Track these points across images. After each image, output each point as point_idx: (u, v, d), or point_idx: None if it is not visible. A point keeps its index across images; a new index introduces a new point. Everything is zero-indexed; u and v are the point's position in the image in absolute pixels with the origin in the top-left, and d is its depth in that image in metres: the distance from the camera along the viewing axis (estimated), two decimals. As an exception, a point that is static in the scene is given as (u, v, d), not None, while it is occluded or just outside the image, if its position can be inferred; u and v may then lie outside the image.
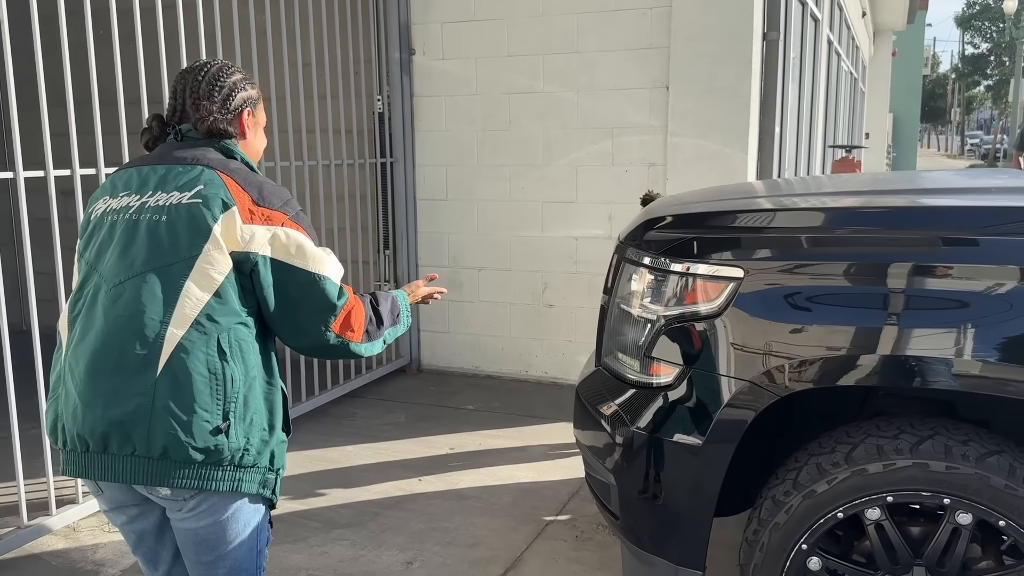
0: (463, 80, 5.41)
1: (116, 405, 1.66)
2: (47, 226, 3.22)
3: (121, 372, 1.66)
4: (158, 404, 1.65)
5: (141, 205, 1.75)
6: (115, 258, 1.73)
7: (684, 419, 2.16)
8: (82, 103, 3.24)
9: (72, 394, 1.72)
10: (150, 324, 1.67)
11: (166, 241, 1.71)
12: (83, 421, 1.70)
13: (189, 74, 1.91)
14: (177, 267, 1.69)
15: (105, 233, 1.77)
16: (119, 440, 1.67)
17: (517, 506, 3.63)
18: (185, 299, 1.68)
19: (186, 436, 1.66)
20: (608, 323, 2.49)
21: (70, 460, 1.77)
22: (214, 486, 1.72)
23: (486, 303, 5.63)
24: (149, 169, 1.82)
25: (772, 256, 2.11)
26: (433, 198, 5.64)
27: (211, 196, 1.74)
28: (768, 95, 4.99)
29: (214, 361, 1.69)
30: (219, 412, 1.70)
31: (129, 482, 1.71)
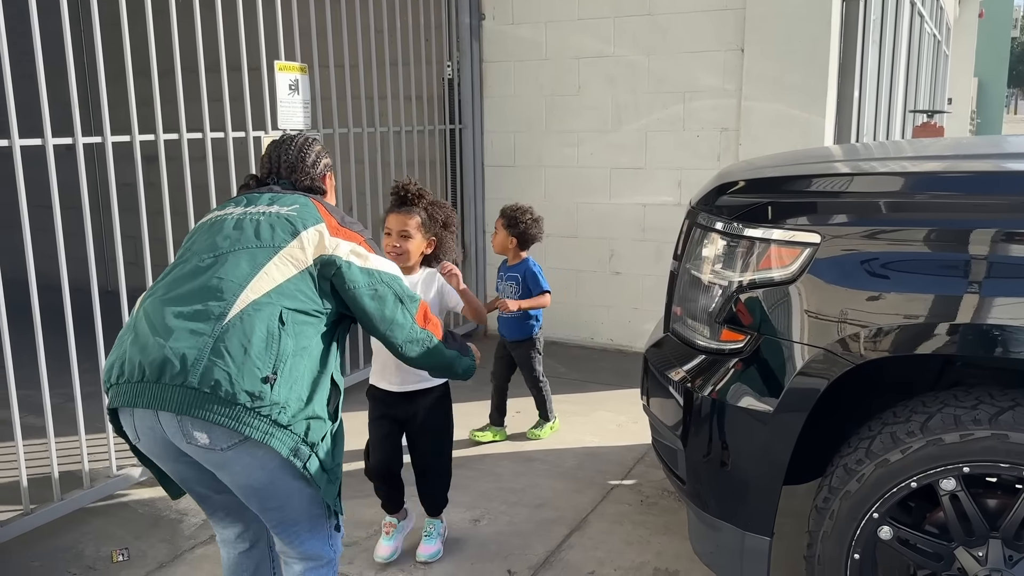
0: (533, 45, 5.38)
1: (184, 339, 1.85)
2: (132, 191, 3.35)
3: (196, 318, 1.88)
4: (219, 345, 1.84)
5: (244, 212, 2.10)
6: (212, 239, 2.03)
7: (754, 386, 2.15)
8: (165, 72, 3.33)
9: (144, 334, 1.89)
10: (230, 286, 1.92)
11: (263, 233, 2.03)
12: (147, 351, 1.86)
13: (282, 146, 2.29)
14: (263, 251, 1.99)
15: (206, 228, 2.09)
16: (174, 370, 1.82)
17: (582, 469, 3.66)
18: (264, 275, 1.96)
19: (238, 375, 1.83)
20: (678, 289, 2.48)
21: (120, 391, 1.89)
22: (248, 431, 1.83)
23: (553, 269, 5.63)
24: (255, 194, 2.18)
25: (849, 221, 2.07)
26: (501, 164, 5.66)
27: (304, 212, 2.10)
28: (847, 58, 4.84)
29: (274, 325, 1.91)
30: (270, 365, 1.87)
31: (174, 410, 1.82)
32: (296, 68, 3.99)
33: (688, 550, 2.57)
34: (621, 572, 2.85)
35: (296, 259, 2.00)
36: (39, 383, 3.04)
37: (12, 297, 2.91)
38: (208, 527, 2.94)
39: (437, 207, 2.79)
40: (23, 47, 2.92)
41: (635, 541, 3.05)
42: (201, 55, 3.48)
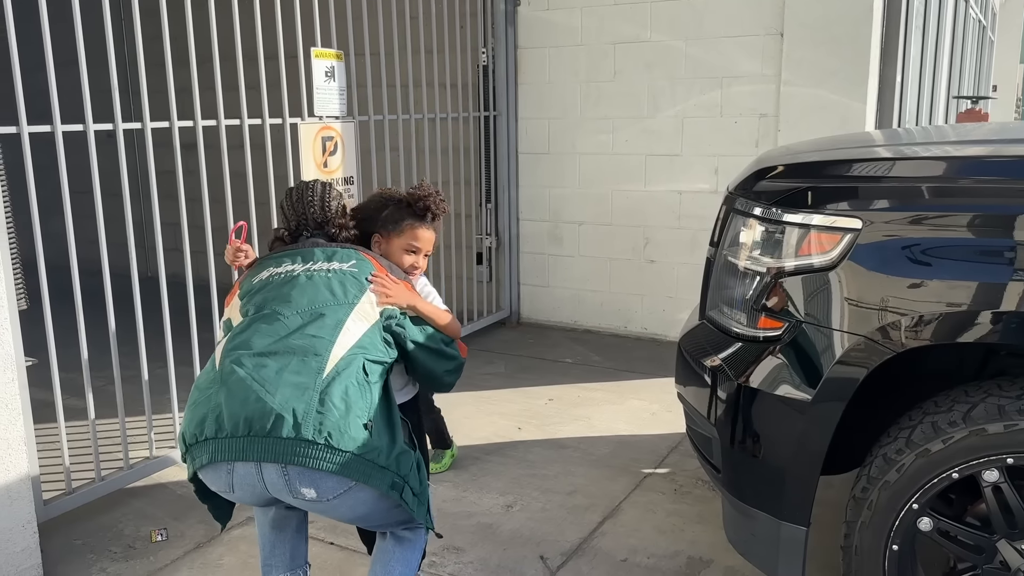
0: (568, 30, 5.35)
1: (291, 394, 1.94)
2: (172, 178, 3.39)
3: (302, 373, 1.98)
4: (325, 398, 1.96)
5: (307, 268, 2.21)
6: (292, 295, 2.14)
7: (792, 374, 2.12)
8: (203, 60, 3.36)
9: (242, 388, 1.96)
10: (322, 343, 2.05)
11: (338, 290, 2.16)
12: (249, 405, 1.93)
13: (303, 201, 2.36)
14: (342, 308, 2.13)
15: (276, 285, 2.18)
16: (288, 424, 1.91)
17: (615, 457, 3.65)
18: (347, 330, 2.10)
19: (345, 426, 1.95)
20: (714, 276, 2.46)
21: (222, 446, 1.94)
22: (355, 476, 1.95)
23: (586, 258, 5.62)
24: (308, 250, 2.27)
25: (891, 207, 2.02)
26: (535, 151, 5.64)
27: (362, 267, 2.23)
28: (889, 43, 4.74)
29: (361, 376, 2.05)
30: (367, 413, 2.01)
31: (287, 461, 1.90)
32: (332, 55, 4.01)
33: (722, 539, 2.55)
34: (654, 560, 2.84)
35: (367, 314, 2.15)
36: (80, 366, 3.10)
37: (54, 282, 2.97)
38: (245, 509, 2.98)
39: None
40: (65, 35, 2.97)
41: (668, 530, 3.04)
42: (239, 43, 3.51)
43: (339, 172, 4.13)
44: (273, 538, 2.32)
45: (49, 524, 2.98)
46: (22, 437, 2.70)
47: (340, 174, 4.13)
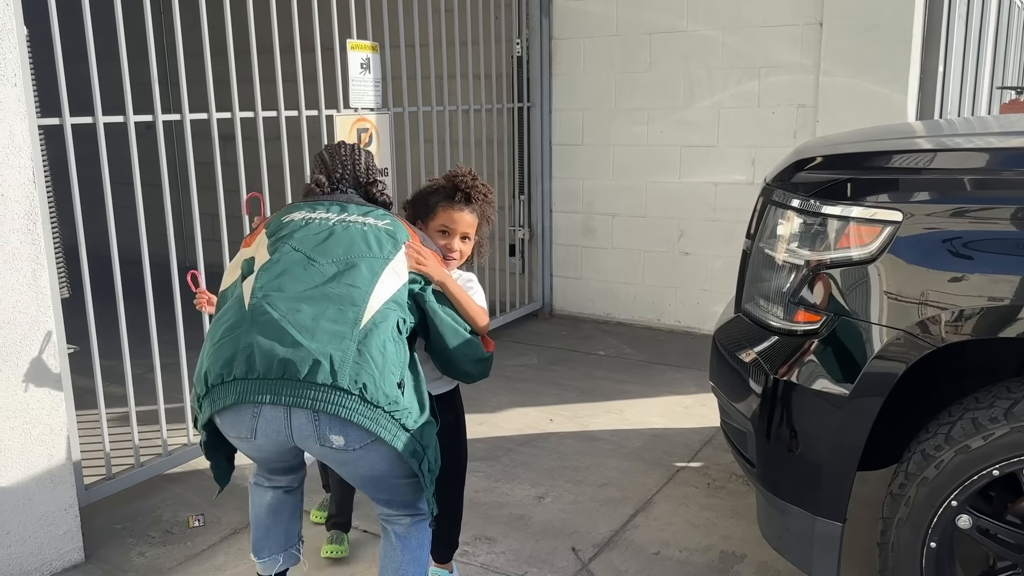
0: (603, 20, 5.31)
1: (329, 341, 1.90)
2: (210, 169, 3.43)
3: (337, 321, 1.93)
4: (362, 349, 1.92)
5: (343, 219, 2.14)
6: (328, 243, 2.07)
7: (829, 368, 2.09)
8: (241, 52, 3.40)
9: (278, 330, 1.90)
10: (359, 293, 1.99)
11: (373, 244, 2.09)
12: (291, 350, 1.87)
13: (349, 154, 2.31)
14: (378, 262, 2.07)
15: (312, 230, 2.10)
16: (324, 369, 1.87)
17: (648, 450, 3.64)
18: (382, 283, 2.04)
19: (381, 379, 1.92)
20: (750, 268, 2.43)
21: (251, 388, 1.88)
22: (382, 433, 1.92)
23: (619, 250, 5.60)
24: (343, 204, 2.21)
25: (933, 199, 1.99)
26: (569, 143, 5.62)
27: (397, 227, 2.17)
28: (931, 32, 4.64)
29: (395, 333, 2.01)
30: (399, 371, 1.98)
31: (321, 408, 1.87)
32: (367, 47, 4.03)
33: (756, 534, 2.53)
34: (687, 554, 2.83)
35: (399, 272, 2.09)
36: (121, 354, 3.16)
37: (95, 271, 3.02)
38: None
39: (490, 203, 2.47)
40: (106, 27, 3.01)
41: (701, 524, 3.02)
42: (276, 35, 3.54)
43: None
44: (268, 522, 2.33)
45: (90, 508, 3.05)
46: (64, 423, 2.75)
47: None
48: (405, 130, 4.47)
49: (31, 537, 2.69)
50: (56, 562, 2.76)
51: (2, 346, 2.56)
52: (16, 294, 2.58)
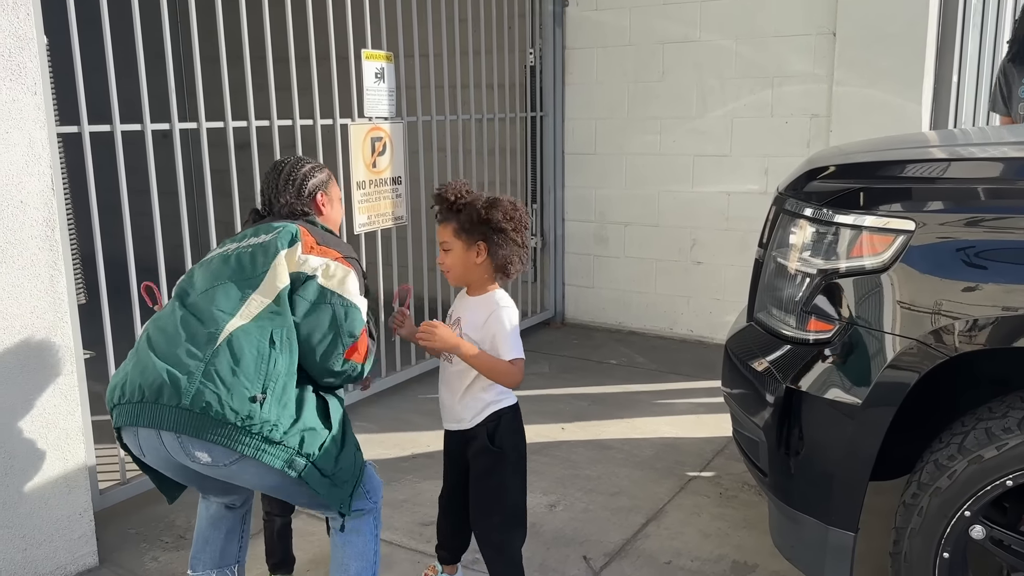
0: (616, 30, 5.33)
1: (178, 364, 1.98)
2: (226, 177, 3.46)
3: (191, 342, 2.02)
4: (210, 368, 1.97)
5: (237, 247, 2.23)
6: (208, 275, 2.17)
7: (842, 378, 2.09)
8: (257, 59, 3.43)
9: (144, 357, 2.03)
10: (220, 315, 2.06)
11: (247, 264, 2.16)
12: (146, 373, 2.00)
13: (271, 174, 2.40)
14: (250, 280, 2.12)
15: (207, 265, 2.22)
16: (170, 392, 1.95)
17: (660, 460, 3.63)
18: (251, 301, 2.08)
19: (227, 396, 1.94)
20: (763, 277, 2.43)
21: (123, 411, 2.02)
22: (240, 448, 1.95)
23: (632, 259, 5.60)
24: (252, 228, 2.30)
25: (946, 208, 1.99)
26: (581, 152, 5.64)
27: (283, 234, 2.20)
28: (945, 42, 4.63)
29: (264, 346, 2.02)
30: (259, 385, 1.98)
31: (172, 429, 1.96)
32: (382, 56, 4.06)
33: (768, 544, 2.52)
34: (699, 563, 2.82)
35: (278, 277, 2.11)
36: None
37: (111, 277, 3.05)
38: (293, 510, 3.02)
39: (474, 207, 2.23)
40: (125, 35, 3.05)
41: (713, 533, 3.02)
42: (292, 44, 3.57)
43: (388, 172, 4.17)
44: (208, 534, 2.38)
45: (104, 513, 3.07)
46: (80, 428, 2.78)
47: (389, 174, 4.18)
48: (419, 139, 4.50)
49: (46, 541, 2.71)
50: (71, 566, 2.78)
51: (20, 351, 2.59)
52: (34, 300, 2.61)
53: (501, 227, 2.22)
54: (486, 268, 2.27)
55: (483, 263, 2.26)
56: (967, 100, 5.25)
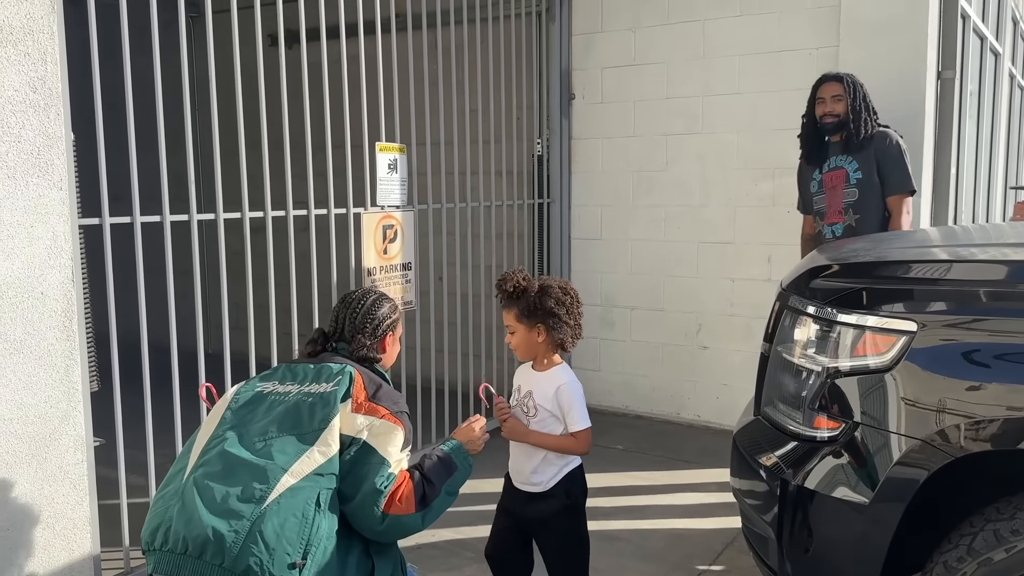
0: (621, 122, 5.49)
1: (224, 521, 1.97)
2: (240, 259, 3.54)
3: (245, 500, 2.00)
4: (255, 530, 1.96)
5: (298, 390, 2.23)
6: (267, 422, 2.14)
7: (849, 476, 2.10)
8: (275, 148, 3.55)
9: (192, 507, 2.01)
10: (273, 471, 2.04)
11: (305, 415, 2.15)
12: (192, 526, 1.98)
13: (350, 305, 2.44)
14: (306, 436, 2.11)
15: (264, 406, 2.20)
16: (213, 551, 1.94)
17: (670, 552, 3.59)
18: (306, 458, 2.07)
19: (268, 561, 1.94)
20: (768, 372, 2.46)
21: (164, 560, 2.01)
22: None
23: (638, 343, 5.63)
24: (311, 366, 2.30)
25: (948, 310, 2.03)
26: (587, 237, 5.73)
27: (341, 384, 2.20)
28: (943, 135, 4.76)
29: (310, 508, 2.02)
30: (300, 550, 1.98)
31: None
32: (395, 148, 4.18)
33: (779, 643, 2.48)
34: (708, 662, 2.77)
35: (332, 438, 2.12)
36: (145, 444, 3.19)
37: (124, 358, 3.08)
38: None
39: (527, 294, 2.59)
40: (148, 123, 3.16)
41: (723, 629, 2.96)
42: (308, 134, 3.69)
43: (398, 258, 4.25)
44: None
45: (107, 602, 3.03)
46: (87, 518, 2.78)
47: (399, 260, 4.26)
48: (428, 224, 4.59)
49: (48, 632, 2.68)
50: (71, 659, 2.74)
51: (32, 440, 2.62)
52: (48, 389, 2.65)
53: (554, 312, 2.57)
54: (548, 345, 2.61)
55: (544, 341, 2.60)
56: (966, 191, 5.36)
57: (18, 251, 2.57)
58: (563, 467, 2.63)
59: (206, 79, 3.31)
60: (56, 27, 2.67)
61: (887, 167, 3.91)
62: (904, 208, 3.92)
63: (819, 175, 4.10)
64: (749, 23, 4.97)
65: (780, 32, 4.88)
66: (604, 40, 5.47)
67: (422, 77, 4.46)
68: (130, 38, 2.97)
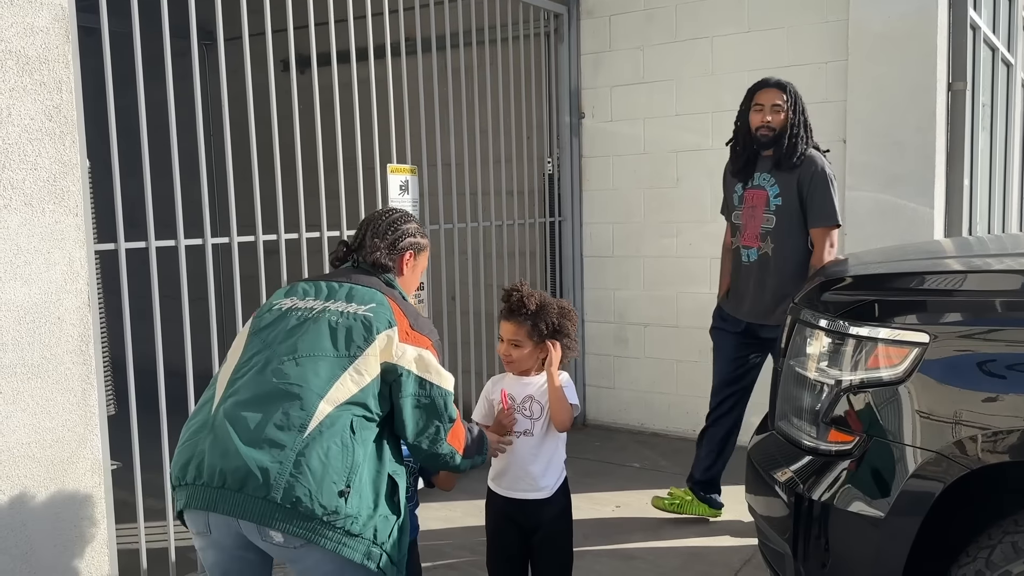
0: (631, 140, 5.50)
1: (266, 452, 1.92)
2: (255, 283, 3.57)
3: (284, 428, 1.95)
4: (300, 460, 1.92)
5: (324, 308, 2.14)
6: (295, 340, 2.07)
7: (865, 489, 2.08)
8: (287, 172, 3.59)
9: (225, 439, 1.94)
10: (309, 396, 1.98)
11: (341, 338, 2.07)
12: (229, 458, 1.92)
13: (377, 215, 2.40)
14: (340, 360, 2.04)
15: (291, 323, 2.12)
16: (256, 484, 1.89)
17: (686, 570, 3.56)
18: (340, 385, 2.02)
19: (317, 491, 1.91)
20: (782, 386, 2.45)
21: (198, 494, 1.96)
22: (323, 543, 1.92)
23: (652, 359, 5.61)
24: (335, 283, 2.23)
25: (962, 321, 2.02)
26: (599, 255, 5.73)
27: (381, 314, 2.14)
28: (955, 147, 4.75)
29: (347, 436, 1.99)
30: (344, 479, 1.95)
31: (258, 521, 1.91)
32: (406, 170, 4.21)
33: (799, 661, 2.45)
34: None
35: (369, 367, 2.06)
36: (162, 466, 3.21)
37: (140, 384, 3.11)
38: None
39: (545, 314, 2.59)
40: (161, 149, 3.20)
41: (742, 648, 2.93)
42: (321, 157, 3.73)
43: (410, 279, 4.27)
44: None
45: (125, 625, 3.04)
46: (105, 540, 2.79)
47: (411, 280, 4.27)
48: (440, 245, 4.61)
49: (66, 656, 2.69)
50: None
51: (50, 464, 2.64)
52: (65, 413, 2.67)
53: (569, 333, 2.63)
54: (539, 360, 2.65)
55: (540, 357, 2.63)
56: (980, 202, 5.33)
57: (35, 277, 2.60)
58: (562, 467, 2.71)
59: (219, 105, 3.35)
60: (71, 56, 2.72)
61: (811, 196, 3.57)
62: (828, 241, 3.58)
63: (741, 189, 3.82)
64: (757, 39, 4.99)
65: (788, 47, 4.89)
66: (613, 59, 5.51)
67: (432, 99, 4.50)
68: (144, 66, 3.02)
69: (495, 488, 2.68)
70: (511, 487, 2.65)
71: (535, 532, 2.66)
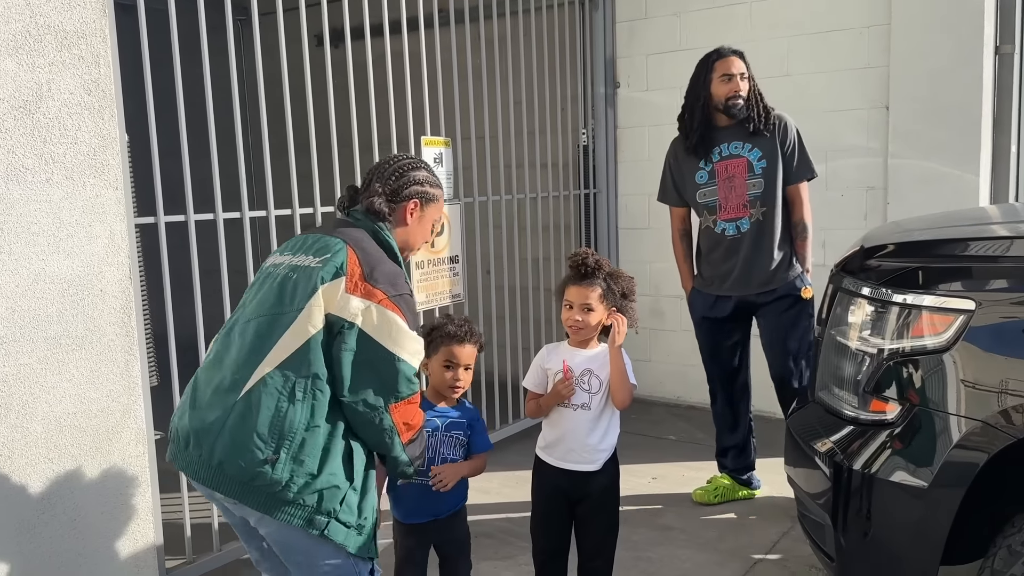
0: (667, 109, 5.40)
1: (205, 413, 1.95)
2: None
3: (220, 390, 1.96)
4: (228, 423, 1.91)
5: (287, 262, 2.06)
6: (256, 301, 2.06)
7: (908, 460, 2.05)
8: (322, 146, 3.60)
9: (187, 401, 2.03)
10: (250, 358, 1.95)
11: (288, 294, 1.99)
12: (187, 421, 1.99)
13: (386, 159, 2.25)
14: (287, 316, 1.96)
15: (263, 283, 2.09)
16: (195, 442, 1.95)
17: (723, 541, 3.55)
18: (281, 343, 1.94)
19: (237, 456, 1.89)
20: (823, 355, 2.42)
21: (171, 450, 2.05)
22: (251, 504, 1.92)
23: (688, 332, 5.53)
24: (311, 236, 2.12)
25: (1008, 287, 1.97)
26: (635, 227, 5.69)
27: (330, 263, 1.99)
28: (1002, 112, 4.61)
29: (283, 401, 1.91)
30: (272, 446, 1.89)
31: (196, 480, 1.97)
32: (440, 143, 4.20)
33: (838, 631, 2.43)
34: (766, 651, 2.73)
35: (313, 320, 1.94)
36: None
37: (183, 358, 3.16)
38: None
39: (616, 278, 2.64)
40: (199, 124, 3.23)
41: (780, 619, 2.92)
42: (355, 132, 3.73)
43: (445, 252, 4.27)
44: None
45: (170, 592, 3.11)
46: (150, 508, 2.86)
47: (447, 253, 4.28)
48: (475, 217, 4.61)
49: (115, 620, 2.76)
50: (137, 646, 2.82)
51: (95, 433, 2.70)
52: (110, 384, 2.73)
53: (633, 300, 2.72)
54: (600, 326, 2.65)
55: (604, 323, 2.64)
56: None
57: (78, 250, 2.65)
58: (615, 440, 2.72)
59: (254, 80, 3.36)
60: (108, 31, 2.74)
61: (794, 153, 3.67)
62: (806, 195, 3.73)
63: (709, 164, 3.69)
64: (797, 4, 4.88)
65: (829, 11, 4.77)
66: (648, 26, 5.42)
67: (466, 71, 4.47)
68: (180, 41, 3.03)
69: (545, 458, 2.70)
70: (563, 458, 2.65)
71: (581, 502, 2.67)
